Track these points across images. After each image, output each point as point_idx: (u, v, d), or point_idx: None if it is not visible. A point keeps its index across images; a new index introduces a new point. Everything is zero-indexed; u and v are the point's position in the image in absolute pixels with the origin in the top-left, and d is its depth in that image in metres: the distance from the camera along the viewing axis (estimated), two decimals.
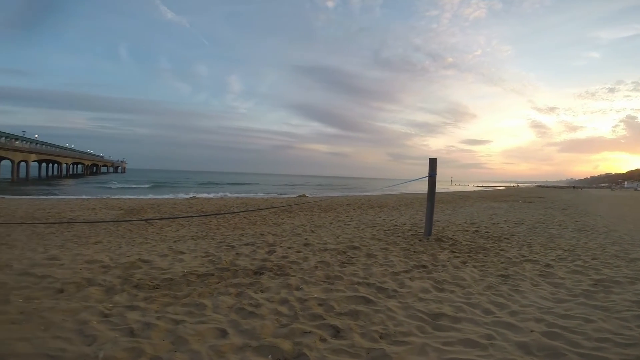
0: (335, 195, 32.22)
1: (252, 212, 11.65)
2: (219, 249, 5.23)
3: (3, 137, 37.53)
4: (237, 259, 4.54)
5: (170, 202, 16.82)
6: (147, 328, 2.37)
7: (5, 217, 9.52)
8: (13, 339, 2.08)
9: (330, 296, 3.12)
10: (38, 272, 3.58)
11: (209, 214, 11.68)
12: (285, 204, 17.41)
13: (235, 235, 6.86)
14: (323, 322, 2.59)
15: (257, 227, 8.21)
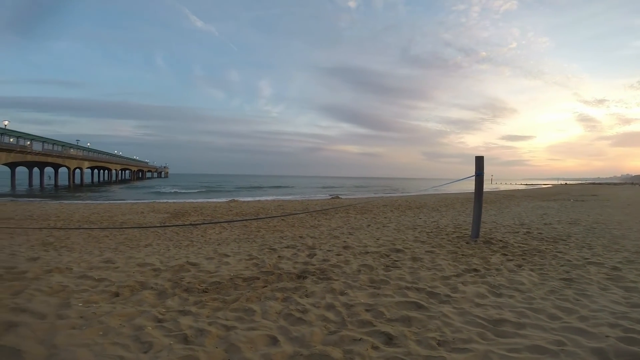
0: (369, 197, 31.90)
1: (291, 215, 11.75)
2: (262, 252, 5.30)
3: (60, 146, 40.67)
4: (280, 262, 4.56)
5: (211, 205, 17.42)
6: (200, 334, 2.39)
7: (65, 221, 10.27)
8: (74, 345, 2.14)
9: (377, 301, 3.01)
10: (95, 275, 3.77)
11: (256, 217, 11.91)
12: (319, 205, 17.44)
13: (276, 238, 6.94)
14: (373, 328, 2.51)
15: (296, 230, 8.25)
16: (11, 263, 4.27)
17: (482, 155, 5.80)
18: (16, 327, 2.32)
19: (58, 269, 3.97)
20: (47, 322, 2.45)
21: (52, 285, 3.33)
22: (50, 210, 13.71)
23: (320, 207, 15.86)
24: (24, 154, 32.57)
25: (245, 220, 9.99)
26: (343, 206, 15.13)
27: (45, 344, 2.11)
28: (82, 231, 7.95)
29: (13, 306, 2.70)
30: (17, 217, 11.27)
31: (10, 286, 3.26)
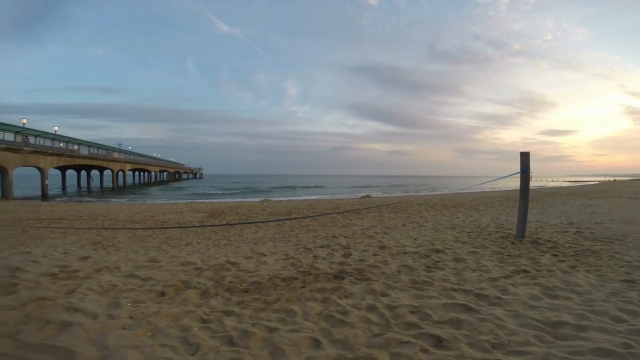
0: (402, 195, 31.34)
1: (324, 215, 11.74)
2: (297, 252, 5.33)
3: (104, 150, 43.19)
4: (316, 262, 4.56)
5: (246, 205, 17.81)
6: (245, 336, 2.41)
7: (111, 221, 10.86)
8: (125, 347, 2.19)
9: (422, 303, 2.93)
10: (142, 274, 3.92)
11: (289, 217, 12.02)
12: (350, 205, 17.32)
13: (309, 237, 6.95)
14: (420, 331, 2.43)
15: (328, 229, 8.22)
16: (65, 262, 4.55)
17: (528, 151, 5.47)
18: (70, 327, 2.41)
19: (107, 268, 4.18)
20: (98, 322, 2.55)
21: (102, 285, 3.49)
22: (98, 211, 14.57)
23: (351, 207, 15.75)
24: (73, 157, 34.88)
25: (280, 220, 10.10)
26: (376, 206, 14.93)
27: (97, 345, 2.18)
28: (127, 230, 8.35)
29: (67, 305, 2.84)
30: (69, 217, 12.06)
31: (64, 285, 3.45)
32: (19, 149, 26.26)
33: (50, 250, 5.53)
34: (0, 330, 2.33)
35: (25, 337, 2.23)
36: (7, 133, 25.68)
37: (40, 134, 29.86)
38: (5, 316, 2.56)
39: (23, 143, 27.42)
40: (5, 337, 2.24)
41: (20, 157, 26.83)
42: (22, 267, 4.07)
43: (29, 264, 4.30)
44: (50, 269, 4.04)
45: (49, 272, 3.90)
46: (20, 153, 26.67)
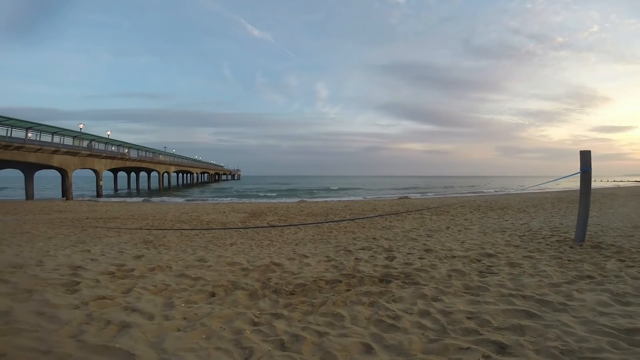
0: (442, 197, 30.32)
1: (367, 217, 11.62)
2: (338, 253, 5.31)
3: (151, 153, 45.77)
4: (359, 264, 4.50)
5: (284, 206, 18.09)
6: (295, 341, 2.41)
7: (160, 221, 11.46)
8: (182, 350, 2.23)
9: (479, 309, 2.80)
10: (192, 274, 4.06)
11: (334, 220, 12.04)
12: (389, 206, 17.02)
13: (349, 239, 6.89)
14: (480, 337, 2.33)
15: (367, 231, 8.11)
16: (120, 260, 4.83)
17: (589, 150, 5.07)
18: (129, 327, 2.50)
19: (160, 267, 4.37)
20: (155, 323, 2.63)
21: (156, 284, 3.65)
22: (148, 210, 15.45)
23: (389, 208, 15.48)
24: (124, 160, 37.29)
25: (321, 223, 10.12)
26: (419, 209, 14.54)
27: (155, 348, 2.23)
28: (176, 230, 8.74)
29: (125, 305, 2.97)
30: (122, 216, 12.89)
31: (121, 284, 3.64)
32: (77, 153, 28.51)
33: (107, 249, 5.91)
34: (65, 330, 2.44)
35: (88, 337, 2.32)
36: (67, 137, 27.96)
37: (94, 138, 32.20)
38: (69, 315, 2.69)
39: (88, 147, 29.78)
40: (69, 337, 2.34)
41: (79, 160, 29.12)
42: (83, 266, 4.37)
43: (89, 262, 4.61)
44: (108, 268, 4.30)
45: (107, 271, 4.14)
46: (79, 156, 28.95)
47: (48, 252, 5.46)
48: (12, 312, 2.65)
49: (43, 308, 2.80)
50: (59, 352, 2.09)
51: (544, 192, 25.03)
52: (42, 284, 3.49)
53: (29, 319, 2.56)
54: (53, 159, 26.22)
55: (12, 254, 5.22)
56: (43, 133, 25.54)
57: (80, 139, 29.49)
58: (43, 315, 2.66)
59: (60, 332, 2.39)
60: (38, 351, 2.10)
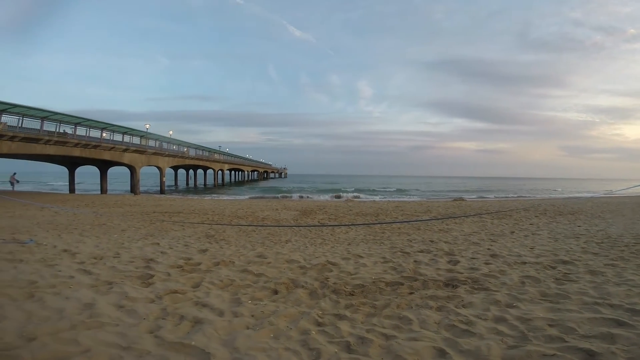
0: (501, 199, 28.50)
1: (421, 220, 11.26)
2: (394, 255, 5.19)
3: (207, 152, 48.36)
4: (419, 267, 4.36)
5: (332, 205, 18.14)
6: (362, 343, 2.37)
7: (219, 215, 12.05)
8: (253, 349, 2.25)
9: (561, 316, 2.65)
10: (254, 270, 4.18)
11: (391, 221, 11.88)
12: (443, 208, 16.31)
13: (404, 241, 6.70)
14: (566, 344, 2.21)
15: (423, 233, 7.82)
16: (187, 254, 5.09)
17: None
18: (201, 324, 2.58)
19: (223, 262, 4.54)
20: (225, 319, 2.70)
21: (222, 279, 3.79)
22: (207, 206, 16.32)
23: (445, 210, 14.83)
24: (184, 158, 39.78)
25: (381, 224, 9.99)
26: (477, 212, 13.80)
27: (228, 346, 2.27)
28: (234, 225, 9.12)
29: (196, 300, 3.10)
30: (185, 211, 13.75)
31: (190, 278, 3.82)
32: (144, 151, 30.96)
33: (174, 242, 6.30)
34: (143, 325, 2.54)
35: (165, 333, 2.40)
36: (135, 137, 30.48)
37: (158, 137, 34.73)
38: (146, 309, 2.82)
39: (154, 146, 32.33)
40: (147, 333, 2.43)
41: (145, 158, 31.59)
42: (154, 259, 4.67)
43: (159, 255, 4.93)
44: (177, 261, 4.55)
45: (176, 264, 4.38)
46: (145, 154, 31.40)
47: (123, 244, 5.95)
48: (95, 305, 2.83)
49: (122, 301, 2.99)
50: (139, 349, 2.17)
51: (620, 197, 22.40)
52: (120, 276, 3.76)
53: (110, 313, 2.72)
54: (124, 157, 28.73)
55: (92, 245, 5.74)
56: (115, 133, 28.11)
57: (146, 139, 32.00)
58: (122, 309, 2.82)
59: (139, 327, 2.49)
60: (119, 347, 2.19)
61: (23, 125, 19.63)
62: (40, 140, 20.19)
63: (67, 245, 5.51)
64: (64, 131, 22.38)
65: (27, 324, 2.43)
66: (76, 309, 2.75)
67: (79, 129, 23.66)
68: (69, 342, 2.20)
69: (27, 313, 2.61)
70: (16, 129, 19.03)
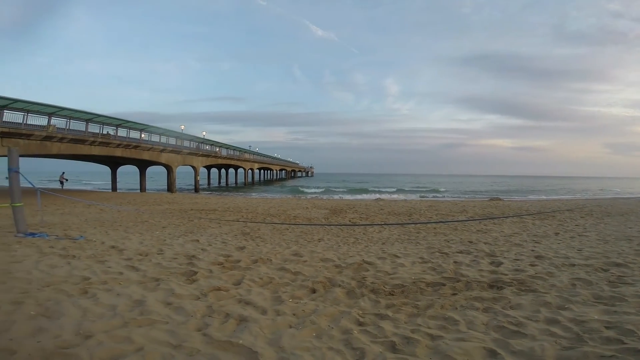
0: (542, 199, 27.19)
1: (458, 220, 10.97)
2: (433, 255, 5.09)
3: (238, 151, 49.57)
4: (460, 268, 4.26)
5: (362, 203, 18.03)
6: (407, 343, 2.34)
7: (253, 213, 12.24)
8: (299, 349, 2.26)
9: (619, 319, 2.55)
10: (291, 268, 4.22)
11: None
12: (479, 207, 15.76)
13: (441, 241, 6.55)
14: (625, 346, 2.16)
15: (461, 234, 7.60)
16: (226, 251, 5.22)
17: None
18: (246, 322, 2.62)
19: (261, 260, 4.61)
20: (268, 318, 2.73)
21: (261, 277, 3.85)
22: (240, 204, 16.74)
23: (481, 210, 14.32)
24: (216, 158, 40.99)
25: (414, 224, 9.83)
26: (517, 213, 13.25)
27: (274, 345, 2.29)
28: (267, 223, 9.28)
29: (239, 297, 3.16)
30: (220, 208, 14.16)
31: (231, 275, 3.90)
32: (180, 151, 32.23)
33: (212, 239, 6.49)
34: (191, 323, 2.60)
35: (212, 332, 2.44)
36: (171, 138, 31.77)
37: (192, 138, 36.00)
38: (192, 307, 2.89)
39: (189, 147, 33.62)
40: (196, 331, 2.48)
41: (181, 158, 32.88)
42: (196, 255, 4.81)
43: (200, 252, 5.08)
44: (217, 258, 4.66)
45: (217, 261, 4.49)
46: (181, 154, 32.68)
47: (165, 240, 6.19)
48: (145, 302, 2.94)
49: (170, 298, 3.09)
50: (189, 347, 2.22)
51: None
52: (166, 273, 3.91)
53: (159, 310, 2.80)
54: (161, 157, 30.06)
55: (137, 241, 6.01)
56: (152, 134, 29.44)
57: (181, 139, 33.25)
58: (170, 306, 2.90)
59: (187, 324, 2.55)
60: (170, 345, 2.24)
61: (70, 128, 20.96)
62: (86, 141, 21.49)
63: (114, 241, 5.82)
64: (107, 132, 23.68)
65: (83, 321, 2.53)
66: (127, 306, 2.86)
67: (120, 130, 24.97)
68: (123, 340, 2.27)
69: (82, 310, 2.73)
70: (64, 130, 20.35)
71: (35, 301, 2.85)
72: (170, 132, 31.55)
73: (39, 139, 18.49)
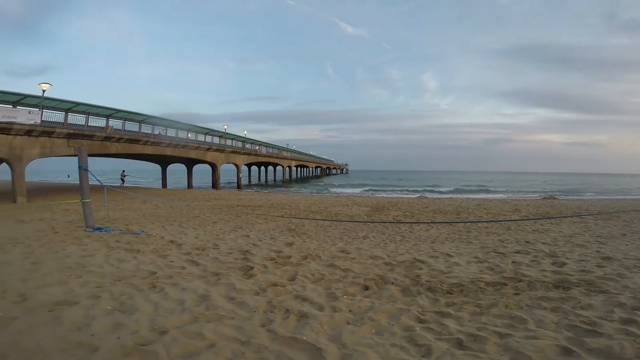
0: (602, 198, 25.11)
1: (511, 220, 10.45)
2: (488, 255, 4.91)
3: (276, 149, 50.60)
4: (520, 268, 4.10)
5: (404, 201, 17.67)
6: (474, 340, 2.29)
7: (295, 210, 12.51)
8: (361, 345, 2.27)
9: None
10: (341, 265, 4.24)
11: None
12: (532, 206, 14.87)
13: (495, 241, 6.27)
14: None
15: (515, 233, 7.24)
16: (276, 247, 5.34)
17: None
18: (306, 318, 2.67)
19: (310, 256, 4.67)
20: (326, 314, 2.77)
21: (313, 273, 3.91)
22: (282, 200, 17.10)
23: (535, 210, 13.51)
24: (257, 156, 42.14)
25: (465, 222, 9.50)
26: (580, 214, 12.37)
27: (336, 342, 2.31)
28: (311, 220, 9.40)
29: (295, 293, 3.23)
30: (264, 205, 14.54)
31: (285, 271, 3.99)
32: (223, 150, 33.51)
33: (261, 235, 6.69)
34: (256, 318, 2.66)
35: (276, 327, 2.49)
36: (215, 137, 33.10)
37: (235, 137, 37.24)
38: (254, 302, 2.98)
39: (232, 145, 34.96)
40: (261, 326, 2.54)
41: (224, 156, 34.17)
42: (249, 250, 4.99)
43: (252, 247, 5.25)
44: (269, 254, 4.80)
45: (269, 257, 4.62)
46: (224, 153, 33.95)
47: (218, 235, 6.47)
48: (210, 296, 3.06)
49: (231, 292, 3.21)
50: (256, 343, 2.26)
51: None
52: (224, 267, 4.07)
53: (224, 305, 2.91)
54: (207, 155, 31.41)
55: (192, 236, 6.34)
56: (198, 134, 30.84)
57: (224, 138, 34.52)
58: (233, 301, 3.01)
59: (252, 320, 2.62)
60: (238, 341, 2.29)
61: (125, 129, 22.50)
62: (139, 141, 22.95)
63: (172, 236, 6.17)
64: (159, 133, 25.14)
65: (156, 316, 2.62)
66: (194, 301, 2.98)
67: (169, 131, 26.42)
68: (195, 336, 2.33)
69: (153, 304, 2.85)
70: (121, 131, 21.89)
71: (110, 295, 3.02)
72: (214, 131, 32.89)
73: (100, 140, 20.02)
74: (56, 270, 3.79)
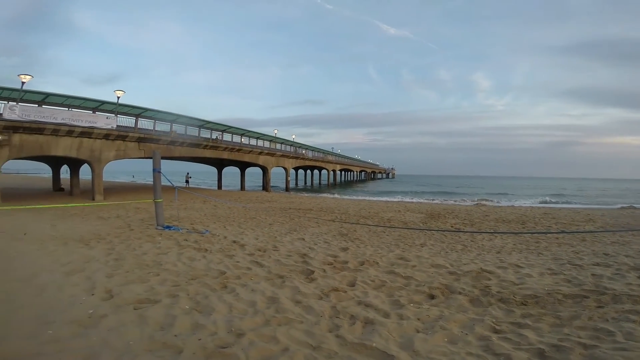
0: None
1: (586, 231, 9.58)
2: (563, 267, 4.57)
3: (322, 153, 50.94)
4: (601, 281, 3.77)
5: (461, 208, 16.88)
6: (557, 350, 2.18)
7: (345, 215, 12.47)
8: (435, 353, 2.22)
9: None
10: (401, 272, 4.15)
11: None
12: (609, 217, 13.44)
13: (568, 252, 5.82)
14: None
15: (591, 245, 6.68)
16: (332, 251, 5.34)
17: None
18: (373, 324, 2.64)
19: (368, 262, 4.62)
20: (393, 321, 2.72)
21: (372, 279, 3.86)
22: (331, 204, 17.19)
23: (612, 220, 12.20)
24: (304, 160, 42.79)
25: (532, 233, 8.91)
26: None
27: (407, 349, 2.27)
28: (362, 225, 9.35)
29: (357, 299, 3.20)
30: (314, 208, 14.74)
31: (343, 276, 3.96)
32: (274, 154, 34.53)
33: (315, 238, 6.77)
34: (323, 323, 2.67)
35: (344, 333, 2.48)
36: (265, 141, 34.24)
37: (284, 141, 38.18)
38: (319, 307, 2.99)
39: (281, 149, 36.03)
40: (329, 332, 2.54)
41: (275, 160, 35.18)
42: (307, 254, 5.04)
43: (309, 251, 5.31)
44: (327, 258, 4.80)
45: (327, 261, 4.63)
46: (275, 157, 34.97)
47: (275, 237, 6.66)
48: (278, 299, 3.12)
49: (297, 296, 3.25)
50: (327, 349, 2.27)
51: None
52: (287, 270, 4.15)
53: (292, 308, 2.95)
54: (259, 159, 32.59)
55: (252, 237, 6.59)
56: (250, 138, 32.09)
57: (274, 142, 35.57)
58: (300, 304, 3.04)
59: (320, 325, 2.63)
60: (310, 346, 2.31)
61: (187, 133, 24.06)
62: (200, 145, 24.39)
63: (234, 236, 6.46)
64: (217, 137, 26.59)
65: (232, 317, 2.70)
66: (264, 303, 3.05)
67: (225, 135, 27.82)
68: (270, 339, 2.37)
69: (228, 305, 2.94)
70: (183, 135, 23.46)
71: (186, 294, 3.18)
72: (265, 136, 34.01)
73: (165, 144, 21.60)
74: (136, 267, 4.08)
